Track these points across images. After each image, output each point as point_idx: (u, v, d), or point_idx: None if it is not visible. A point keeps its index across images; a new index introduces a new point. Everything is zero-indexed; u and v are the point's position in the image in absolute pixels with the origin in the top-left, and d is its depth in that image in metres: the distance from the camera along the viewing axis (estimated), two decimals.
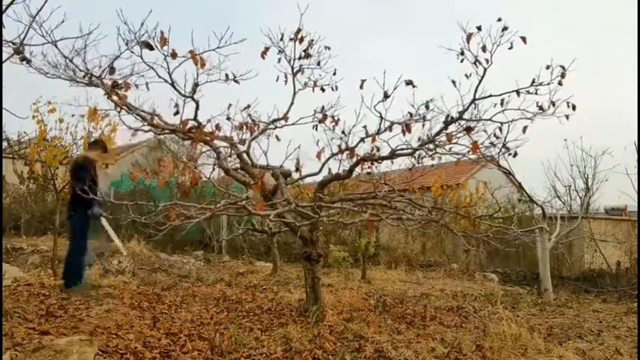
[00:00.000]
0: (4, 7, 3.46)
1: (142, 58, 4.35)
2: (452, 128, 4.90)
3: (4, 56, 3.75)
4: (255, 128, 5.23)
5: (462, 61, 4.54)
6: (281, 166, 5.22)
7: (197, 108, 4.76)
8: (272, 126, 5.35)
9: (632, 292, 7.57)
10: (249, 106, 5.24)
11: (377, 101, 4.73)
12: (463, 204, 6.80)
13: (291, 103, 5.33)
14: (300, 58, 5.12)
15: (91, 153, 5.63)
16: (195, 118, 4.79)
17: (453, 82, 4.65)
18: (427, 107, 4.86)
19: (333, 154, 4.96)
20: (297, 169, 5.06)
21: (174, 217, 3.50)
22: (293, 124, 5.37)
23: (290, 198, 4.45)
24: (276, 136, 5.36)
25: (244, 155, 5.15)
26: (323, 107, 5.18)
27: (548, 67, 4.43)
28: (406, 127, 4.70)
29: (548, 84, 4.47)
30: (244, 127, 5.10)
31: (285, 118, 5.32)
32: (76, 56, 4.50)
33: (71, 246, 5.39)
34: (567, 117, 4.59)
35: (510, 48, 4.33)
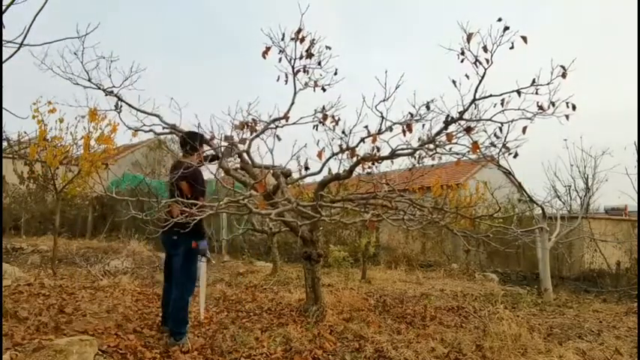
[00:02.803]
0: (4, 7, 3.46)
1: None
2: (452, 128, 4.90)
3: (4, 56, 3.75)
4: (257, 128, 5.24)
5: (462, 61, 4.54)
6: (282, 166, 5.22)
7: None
8: (273, 125, 5.35)
9: (632, 292, 7.56)
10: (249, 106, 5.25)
11: (377, 101, 4.73)
12: (463, 204, 6.79)
13: (292, 103, 5.34)
14: (301, 58, 5.12)
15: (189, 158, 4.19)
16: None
17: (454, 82, 4.64)
18: (428, 108, 4.86)
19: (333, 154, 4.96)
20: (307, 168, 5.04)
21: (178, 213, 3.50)
22: (294, 123, 5.38)
23: (291, 198, 4.45)
24: (277, 136, 5.36)
25: (245, 155, 5.15)
26: (324, 107, 5.18)
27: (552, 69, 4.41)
28: (407, 128, 4.70)
29: (548, 84, 4.47)
30: (245, 126, 5.11)
31: (285, 117, 5.33)
32: (75, 59, 4.52)
33: (180, 281, 3.92)
34: (567, 117, 4.59)
35: (511, 48, 4.33)
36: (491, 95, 4.64)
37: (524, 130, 4.64)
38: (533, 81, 4.52)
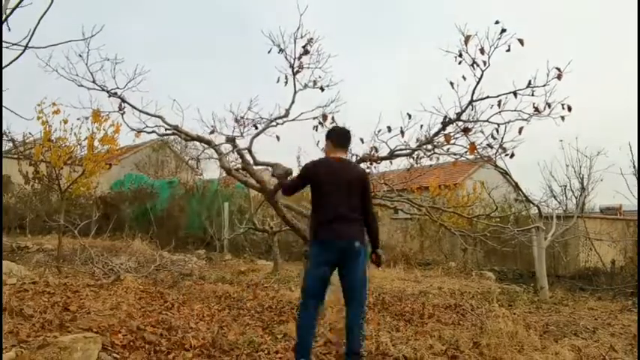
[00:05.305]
0: (9, 12, 3.53)
1: None
2: (450, 129, 4.99)
3: (10, 58, 3.82)
4: (257, 126, 5.34)
5: (459, 63, 4.62)
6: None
7: None
8: (274, 123, 5.43)
9: (626, 290, 7.64)
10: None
11: (378, 103, 4.83)
12: (461, 204, 6.88)
13: (292, 102, 5.42)
14: (300, 57, 5.21)
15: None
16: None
17: (451, 83, 4.73)
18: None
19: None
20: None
21: None
22: (294, 119, 5.47)
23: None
24: (277, 137, 5.45)
25: (246, 155, 5.22)
26: (325, 115, 5.26)
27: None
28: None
29: (544, 86, 4.55)
30: (244, 120, 5.21)
31: (286, 115, 5.40)
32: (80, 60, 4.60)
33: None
34: (563, 118, 4.68)
35: (508, 50, 4.41)
36: (488, 97, 4.72)
37: (520, 130, 4.73)
38: (529, 83, 4.61)
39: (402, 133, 4.98)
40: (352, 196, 3.33)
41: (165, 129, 5.23)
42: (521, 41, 4.34)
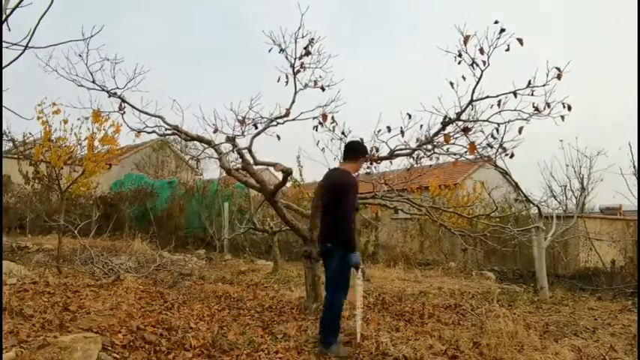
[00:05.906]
0: (9, 12, 3.53)
1: None
2: (450, 129, 5.00)
3: (10, 58, 3.82)
4: (258, 126, 5.34)
5: (459, 63, 4.63)
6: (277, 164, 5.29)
7: None
8: (274, 123, 5.43)
9: (626, 290, 7.65)
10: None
11: (377, 101, 4.86)
12: (461, 204, 6.88)
13: (293, 101, 5.42)
14: (300, 58, 5.21)
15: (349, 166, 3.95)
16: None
17: (451, 83, 4.73)
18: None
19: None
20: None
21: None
22: (294, 119, 5.48)
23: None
24: (277, 136, 5.45)
25: (247, 155, 5.23)
26: (324, 114, 5.26)
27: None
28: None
29: (544, 85, 4.56)
30: (245, 120, 5.21)
31: (287, 114, 5.40)
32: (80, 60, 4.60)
33: (330, 290, 3.92)
34: (563, 118, 4.68)
35: (507, 50, 4.41)
36: (488, 97, 4.72)
37: (520, 130, 4.74)
38: (529, 82, 4.61)
39: (402, 133, 4.99)
40: None
41: (165, 129, 5.24)
42: (520, 41, 4.34)
